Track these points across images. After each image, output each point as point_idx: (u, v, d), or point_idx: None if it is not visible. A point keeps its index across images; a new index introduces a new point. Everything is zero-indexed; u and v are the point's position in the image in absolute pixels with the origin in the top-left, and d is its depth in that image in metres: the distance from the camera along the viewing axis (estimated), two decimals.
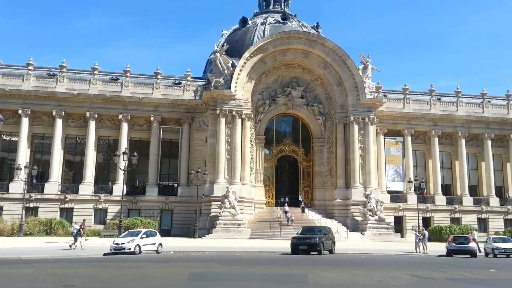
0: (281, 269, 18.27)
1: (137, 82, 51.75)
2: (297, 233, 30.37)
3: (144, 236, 27.50)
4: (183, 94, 51.15)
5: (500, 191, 54.88)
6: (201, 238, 41.54)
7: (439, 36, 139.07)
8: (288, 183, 51.77)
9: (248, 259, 22.89)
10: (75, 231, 28.41)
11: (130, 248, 25.95)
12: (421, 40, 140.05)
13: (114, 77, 52.38)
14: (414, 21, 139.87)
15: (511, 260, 27.71)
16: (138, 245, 26.52)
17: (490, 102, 56.36)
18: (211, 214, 44.55)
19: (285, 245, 29.86)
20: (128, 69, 51.15)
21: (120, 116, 49.42)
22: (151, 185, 48.98)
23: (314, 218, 45.17)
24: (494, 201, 53.15)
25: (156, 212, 47.33)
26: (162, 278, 15.00)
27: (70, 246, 27.93)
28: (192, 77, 53.24)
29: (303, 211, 45.84)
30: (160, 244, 28.26)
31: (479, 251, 31.69)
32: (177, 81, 53.44)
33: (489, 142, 54.35)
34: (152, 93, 50.64)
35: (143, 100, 49.89)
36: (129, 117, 49.77)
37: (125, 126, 49.47)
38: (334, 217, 46.59)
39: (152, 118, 49.97)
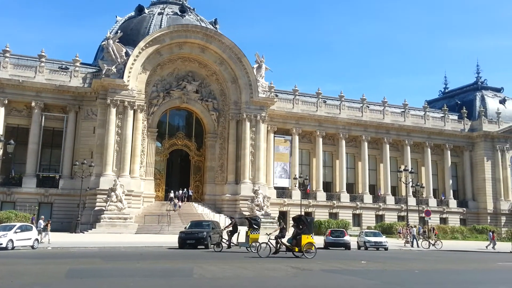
0: (167, 264, 18.20)
1: (18, 64, 47.58)
2: (185, 228, 30.42)
3: (19, 230, 25.55)
4: (70, 80, 48.07)
5: (373, 189, 60.24)
6: (84, 233, 39.62)
7: (326, 43, 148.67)
8: (179, 177, 51.48)
9: (133, 254, 22.40)
10: (41, 227, 30.00)
11: (1, 243, 24.01)
12: (310, 45, 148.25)
13: None
14: (304, 26, 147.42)
15: (380, 252, 30.60)
16: (11, 240, 24.61)
17: (368, 107, 61.45)
18: (96, 208, 42.63)
19: (173, 239, 29.72)
20: (7, 49, 46.77)
21: None
22: (29, 176, 45.37)
23: (203, 212, 45.52)
24: (368, 198, 58.20)
25: (34, 205, 43.93)
26: (36, 275, 14.10)
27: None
28: (81, 63, 50.24)
29: (183, 200, 46.95)
30: (37, 240, 26.61)
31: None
32: (64, 66, 50.07)
33: (366, 144, 59.26)
34: (34, 77, 46.80)
35: (23, 83, 45.92)
36: (6, 102, 45.53)
37: (1, 111, 45.16)
38: (223, 212, 47.41)
39: (33, 104, 46.24)
